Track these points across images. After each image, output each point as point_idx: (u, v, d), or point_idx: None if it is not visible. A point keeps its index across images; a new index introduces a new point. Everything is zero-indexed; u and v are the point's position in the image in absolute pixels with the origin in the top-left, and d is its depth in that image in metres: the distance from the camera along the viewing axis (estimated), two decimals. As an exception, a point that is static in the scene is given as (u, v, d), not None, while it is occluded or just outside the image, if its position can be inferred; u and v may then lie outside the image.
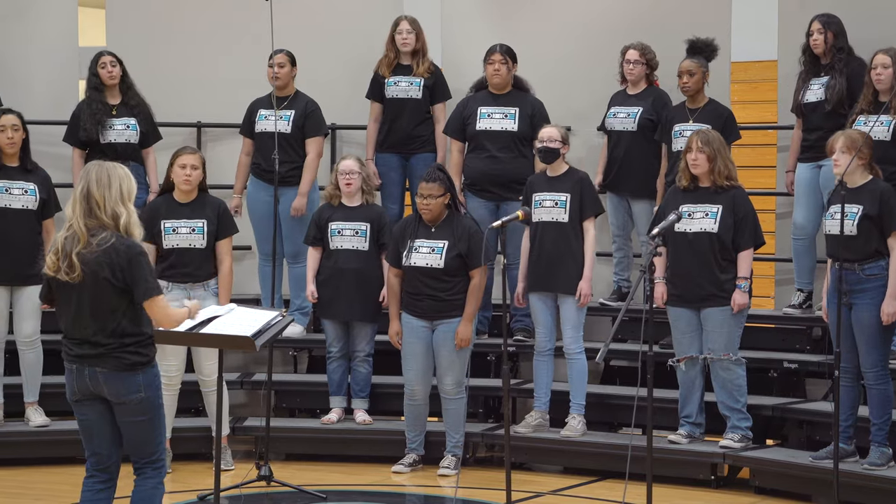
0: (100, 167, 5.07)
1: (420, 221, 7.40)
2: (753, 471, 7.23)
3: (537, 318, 7.61)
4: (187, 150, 7.34)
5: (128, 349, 5.02)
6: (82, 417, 5.14)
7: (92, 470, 5.18)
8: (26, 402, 7.69)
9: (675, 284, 7.24)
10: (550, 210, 7.50)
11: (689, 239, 7.16)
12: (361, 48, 8.85)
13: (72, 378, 5.08)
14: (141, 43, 8.98)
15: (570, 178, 7.54)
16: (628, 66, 8.22)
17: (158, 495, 5.18)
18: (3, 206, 7.46)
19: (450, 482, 7.27)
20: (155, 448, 5.14)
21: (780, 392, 7.81)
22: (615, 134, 8.29)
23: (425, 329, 7.40)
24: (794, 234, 8.00)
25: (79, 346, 5.05)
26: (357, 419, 7.93)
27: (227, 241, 7.38)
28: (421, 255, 7.34)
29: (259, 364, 8.50)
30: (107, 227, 4.99)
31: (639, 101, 8.24)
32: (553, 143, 7.49)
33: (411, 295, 7.40)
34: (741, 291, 7.11)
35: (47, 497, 7.01)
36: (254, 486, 7.04)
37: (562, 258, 7.47)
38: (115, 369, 5.00)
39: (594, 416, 7.71)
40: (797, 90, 7.94)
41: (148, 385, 5.06)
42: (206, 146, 9.00)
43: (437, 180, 7.30)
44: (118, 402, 5.03)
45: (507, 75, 8.22)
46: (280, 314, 5.74)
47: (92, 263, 4.96)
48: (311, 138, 8.35)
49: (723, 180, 7.13)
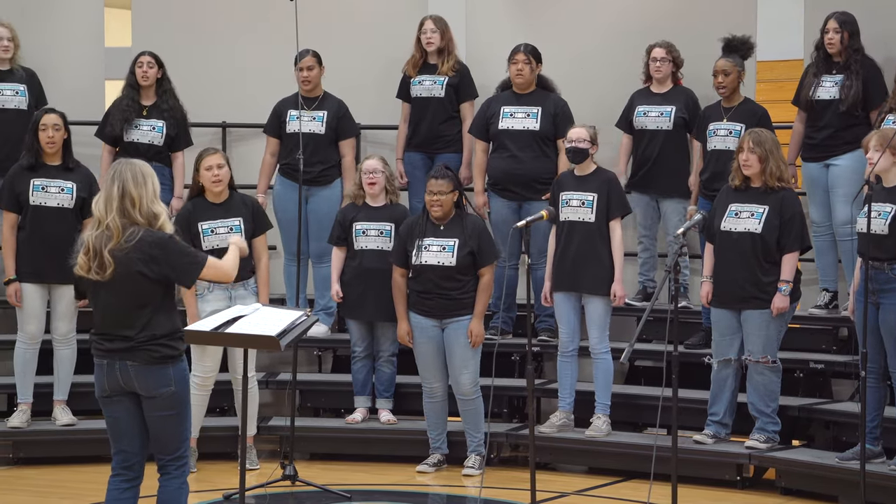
0: (132, 165, 5.10)
1: (428, 220, 7.40)
2: (779, 471, 7.21)
3: (561, 317, 7.60)
4: (210, 152, 7.37)
5: (158, 342, 5.04)
6: (110, 414, 5.15)
7: (118, 468, 5.19)
8: (55, 400, 7.74)
9: (717, 284, 7.21)
10: (577, 210, 7.49)
11: (734, 239, 7.12)
12: (387, 48, 8.86)
13: (101, 374, 5.10)
14: (166, 43, 9.00)
15: (598, 177, 7.53)
16: (655, 65, 8.20)
17: (184, 495, 5.19)
18: (39, 204, 7.52)
19: (474, 482, 7.27)
20: (180, 444, 5.15)
21: (806, 392, 7.78)
22: (647, 133, 8.26)
23: (435, 328, 7.40)
24: (814, 232, 7.98)
25: (110, 340, 5.07)
26: (381, 419, 7.94)
27: (262, 237, 7.41)
28: (432, 253, 7.34)
29: (284, 364, 8.52)
30: (137, 225, 5.01)
31: (670, 100, 8.21)
32: (582, 143, 7.48)
33: (420, 294, 7.39)
34: (781, 295, 7.05)
35: (74, 496, 7.05)
36: (279, 486, 7.05)
37: (588, 258, 7.46)
38: (146, 363, 5.02)
39: (619, 416, 7.70)
40: (806, 84, 7.90)
41: (178, 379, 5.09)
42: (230, 146, 9.02)
43: (446, 177, 7.32)
44: (148, 395, 5.05)
45: (531, 75, 8.21)
46: (305, 314, 5.74)
47: (123, 259, 4.99)
48: (346, 140, 8.39)
49: (774, 181, 7.07)
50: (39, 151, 7.53)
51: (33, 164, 7.53)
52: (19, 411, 7.68)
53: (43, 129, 7.50)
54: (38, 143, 7.52)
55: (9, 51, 8.37)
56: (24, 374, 7.64)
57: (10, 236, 7.54)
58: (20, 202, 7.52)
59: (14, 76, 8.41)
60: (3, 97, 8.35)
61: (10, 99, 8.34)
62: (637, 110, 8.28)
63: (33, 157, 7.52)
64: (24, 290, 7.52)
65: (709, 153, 7.94)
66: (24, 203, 7.52)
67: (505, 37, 8.60)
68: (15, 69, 8.43)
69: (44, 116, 7.53)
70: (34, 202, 7.51)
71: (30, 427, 7.68)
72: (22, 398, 7.69)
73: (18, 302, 7.54)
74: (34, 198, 7.51)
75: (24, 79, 8.43)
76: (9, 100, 8.34)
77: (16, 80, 8.41)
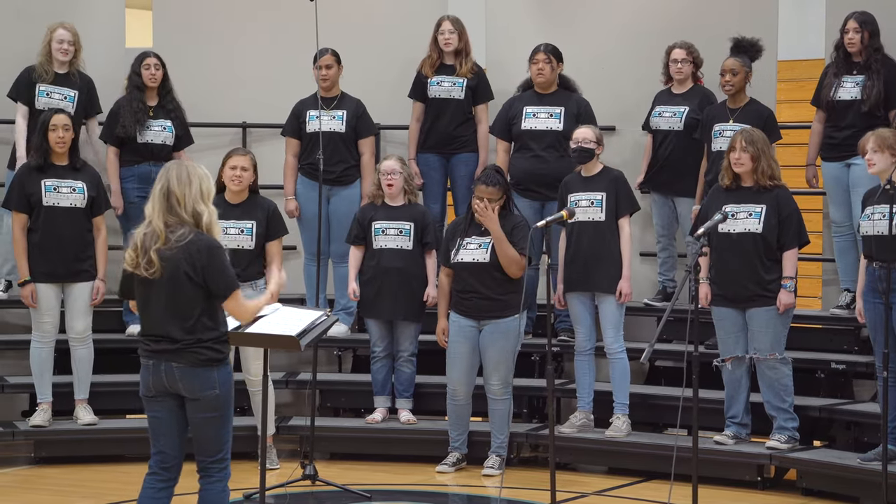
0: (179, 165, 5.12)
1: (472, 221, 7.41)
2: (801, 472, 7.19)
3: (577, 317, 7.60)
4: (238, 152, 7.39)
5: (204, 345, 5.06)
6: (153, 414, 5.16)
7: (156, 467, 5.20)
8: (76, 400, 7.77)
9: (719, 284, 7.21)
10: (587, 210, 7.49)
11: (734, 239, 7.13)
12: (405, 48, 8.86)
13: (147, 374, 5.11)
14: (187, 44, 9.05)
15: (605, 177, 7.53)
16: (675, 66, 8.18)
17: (226, 499, 5.19)
18: (52, 205, 7.54)
19: (494, 482, 7.27)
20: (222, 447, 5.15)
21: (827, 393, 7.75)
22: (661, 133, 8.26)
23: (472, 328, 7.40)
24: (835, 232, 7.96)
25: (156, 341, 5.09)
26: (401, 419, 7.95)
27: (277, 242, 7.41)
28: (468, 251, 7.35)
29: (304, 364, 8.54)
30: (186, 224, 5.03)
31: (685, 101, 8.20)
32: (588, 143, 7.48)
33: (459, 293, 7.41)
34: (787, 291, 7.06)
35: (95, 495, 7.07)
36: (299, 486, 7.06)
37: (599, 257, 7.46)
38: (192, 365, 5.04)
39: (639, 416, 7.69)
40: (826, 85, 7.88)
41: (222, 382, 5.10)
42: (251, 146, 9.02)
43: (497, 184, 7.29)
44: (193, 398, 5.06)
45: (552, 75, 8.20)
46: (325, 314, 5.75)
47: (171, 259, 5.01)
48: (365, 139, 8.41)
49: (766, 180, 7.09)
50: (48, 151, 7.54)
51: (41, 165, 7.54)
52: (40, 410, 7.71)
53: (53, 130, 7.51)
54: (47, 144, 7.52)
55: (68, 54, 8.33)
56: (42, 374, 7.67)
57: (22, 238, 7.56)
58: (31, 203, 7.53)
59: (69, 81, 8.37)
60: (50, 99, 8.31)
61: (58, 103, 8.26)
62: (654, 111, 8.28)
63: (42, 158, 7.53)
64: (38, 289, 7.54)
65: (713, 154, 7.93)
66: (35, 204, 7.52)
67: (525, 37, 8.59)
68: (72, 74, 8.39)
69: (53, 117, 7.53)
70: (47, 203, 7.52)
71: (51, 426, 7.71)
72: (42, 397, 7.72)
73: (34, 303, 7.56)
74: (47, 199, 7.52)
75: (78, 85, 8.41)
76: (55, 104, 8.24)
77: (69, 85, 8.37)
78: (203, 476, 5.18)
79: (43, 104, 8.30)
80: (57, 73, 8.35)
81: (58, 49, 8.31)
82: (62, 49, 8.33)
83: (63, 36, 8.33)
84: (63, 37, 8.33)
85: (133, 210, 8.29)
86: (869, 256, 6.74)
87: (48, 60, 8.33)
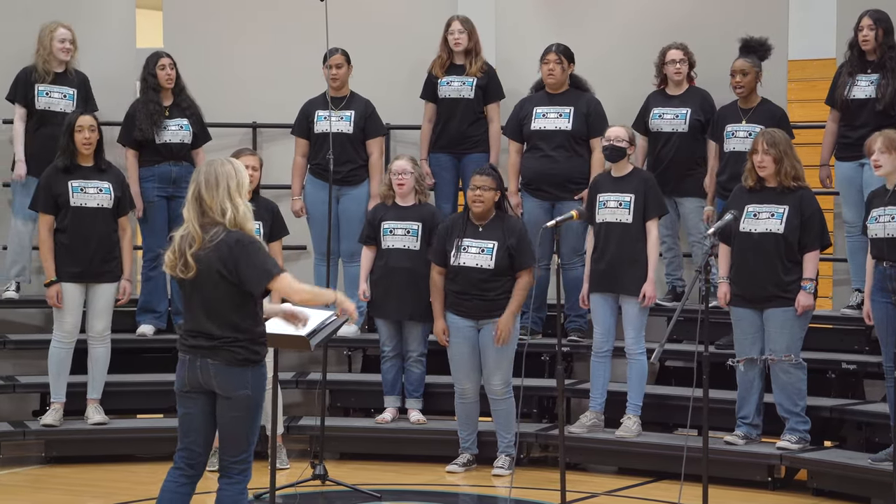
0: (208, 167, 5.15)
1: (468, 221, 7.40)
2: (811, 472, 7.17)
3: (597, 318, 7.58)
4: (247, 152, 7.40)
5: (240, 344, 5.07)
6: (184, 410, 5.18)
7: (181, 463, 5.20)
8: (88, 399, 7.78)
9: (738, 284, 7.19)
10: (615, 210, 7.47)
11: (755, 239, 7.10)
12: (416, 48, 8.86)
13: (184, 369, 5.13)
14: (197, 44, 9.05)
15: (635, 178, 7.52)
16: (674, 67, 8.17)
17: (244, 502, 5.19)
18: (79, 205, 7.56)
19: (504, 482, 7.26)
20: (246, 447, 5.15)
21: (838, 393, 7.73)
22: (663, 135, 8.24)
23: (471, 329, 7.40)
24: (847, 232, 7.94)
25: (194, 337, 5.11)
26: (411, 419, 7.95)
27: (278, 243, 7.43)
28: (470, 255, 7.34)
29: (314, 363, 8.54)
30: (219, 224, 5.07)
31: (685, 102, 8.19)
32: (620, 142, 7.47)
33: (458, 295, 7.40)
34: (806, 293, 7.03)
35: (105, 495, 7.08)
36: (309, 485, 7.07)
37: (625, 259, 7.45)
38: (227, 363, 5.06)
39: (649, 416, 7.68)
40: (840, 84, 7.86)
41: (255, 383, 5.11)
42: (261, 146, 9.05)
43: (491, 175, 7.32)
44: (225, 396, 5.07)
45: (562, 75, 8.20)
46: (334, 314, 5.75)
47: (204, 259, 5.05)
48: (374, 139, 8.42)
49: (789, 181, 7.05)
50: (74, 153, 7.57)
51: (68, 166, 7.57)
52: (52, 410, 7.73)
53: (79, 131, 7.55)
54: (73, 145, 7.56)
55: (69, 53, 8.37)
56: (59, 374, 7.69)
57: (48, 238, 7.59)
58: (58, 204, 7.56)
59: (67, 79, 8.41)
60: (51, 99, 8.37)
61: (58, 102, 8.35)
62: (652, 112, 8.26)
63: (68, 159, 7.57)
64: (64, 289, 7.56)
65: (727, 154, 7.91)
66: (62, 205, 7.55)
67: (535, 37, 8.58)
68: (70, 72, 8.43)
69: (79, 118, 7.58)
70: (75, 203, 7.55)
71: (62, 426, 7.73)
72: (55, 397, 7.74)
73: (59, 303, 7.58)
74: (74, 199, 7.55)
75: (76, 83, 8.44)
76: (56, 102, 8.35)
77: (68, 83, 8.41)
78: (223, 475, 5.18)
79: (43, 104, 8.34)
80: (56, 73, 8.38)
81: (60, 48, 8.34)
82: (64, 48, 8.35)
83: (65, 35, 8.36)
84: (65, 36, 8.36)
85: (152, 210, 8.31)
86: (879, 257, 6.73)
87: (48, 60, 8.35)
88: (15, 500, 7.03)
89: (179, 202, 8.24)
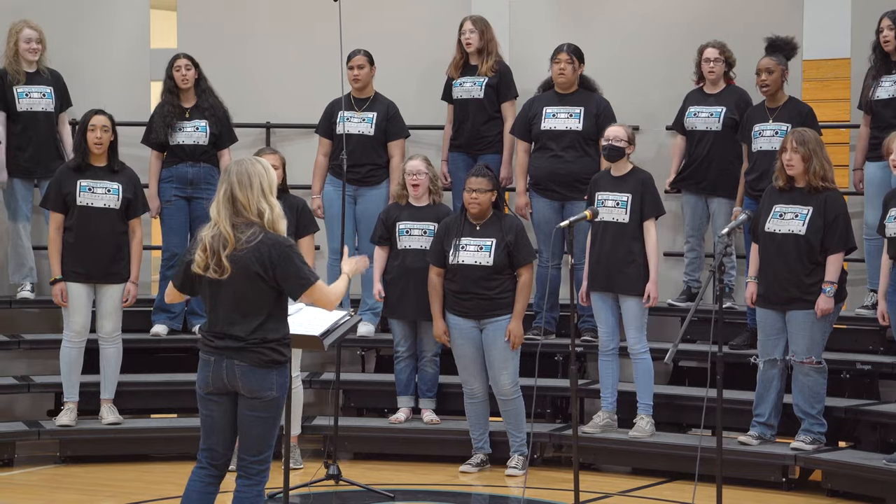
0: (239, 167, 5.12)
1: (465, 220, 7.40)
2: (826, 473, 7.15)
3: (599, 317, 7.59)
4: (267, 151, 7.40)
5: (268, 345, 5.07)
6: (207, 412, 5.16)
7: (205, 462, 5.19)
8: (102, 399, 7.80)
9: (761, 285, 7.16)
10: (612, 210, 7.47)
11: (778, 239, 7.08)
12: (431, 49, 8.86)
13: (208, 370, 5.11)
14: (211, 44, 9.06)
15: (634, 178, 7.51)
16: (708, 65, 8.15)
17: (261, 503, 5.18)
18: (86, 205, 7.58)
19: (517, 482, 7.26)
20: (266, 447, 5.15)
21: (852, 394, 7.71)
22: (697, 133, 8.22)
23: (473, 329, 7.40)
24: (867, 235, 7.90)
25: (220, 338, 5.09)
26: (424, 419, 7.95)
27: (307, 238, 7.41)
28: (469, 253, 7.34)
29: (328, 363, 8.55)
30: (254, 224, 5.06)
31: (721, 101, 8.16)
32: (619, 141, 7.46)
33: (457, 294, 7.39)
34: (825, 296, 6.99)
35: (120, 495, 7.10)
36: (322, 485, 7.08)
37: (621, 259, 7.44)
38: (254, 364, 5.05)
39: (663, 416, 7.67)
40: (866, 87, 7.85)
41: (279, 385, 5.11)
42: (275, 146, 9.05)
43: (486, 176, 7.32)
44: (250, 396, 5.07)
45: (573, 75, 8.20)
46: (348, 314, 5.75)
47: (241, 260, 5.03)
48: (395, 141, 8.42)
49: (818, 181, 7.01)
50: (87, 152, 7.59)
51: (80, 165, 7.60)
52: (66, 410, 7.75)
53: (91, 130, 7.56)
54: (86, 144, 7.58)
55: (36, 53, 8.38)
56: (71, 374, 7.71)
57: (57, 237, 7.61)
58: (66, 203, 7.58)
59: (41, 78, 8.43)
60: (31, 100, 8.40)
61: (38, 101, 8.39)
62: (688, 111, 8.25)
63: (80, 158, 7.59)
64: (70, 288, 7.58)
65: (755, 154, 7.89)
66: (70, 204, 7.58)
67: (548, 37, 8.58)
68: (42, 71, 8.44)
69: (93, 117, 7.59)
70: (81, 203, 7.57)
71: (77, 426, 7.75)
72: (68, 397, 7.76)
73: (64, 301, 7.60)
74: (81, 198, 7.57)
75: (51, 81, 8.46)
76: (36, 102, 8.39)
77: (43, 82, 8.43)
78: (241, 475, 5.17)
79: (26, 106, 8.38)
80: (27, 73, 8.40)
81: (26, 49, 8.36)
82: (30, 48, 8.37)
83: (30, 35, 8.37)
84: (31, 36, 8.37)
85: (171, 210, 8.32)
86: (895, 257, 6.70)
87: (16, 61, 8.36)
88: (30, 499, 7.06)
89: (198, 203, 8.26)
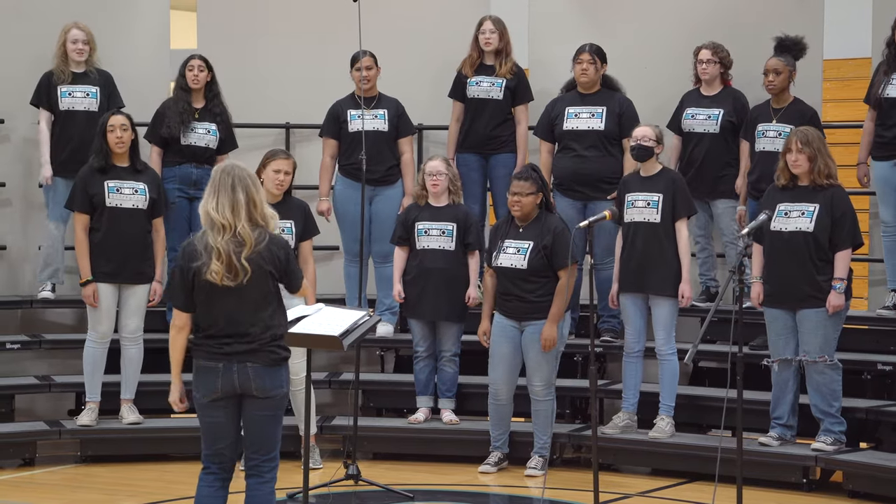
0: (240, 171, 5.16)
1: (511, 222, 7.40)
2: (847, 474, 7.12)
3: (627, 318, 7.57)
4: (282, 155, 7.38)
5: (277, 343, 5.13)
6: (211, 419, 5.14)
7: (213, 467, 5.20)
8: (122, 399, 7.82)
9: (771, 284, 7.15)
10: (643, 210, 7.45)
11: (785, 238, 7.06)
12: (447, 48, 8.86)
13: (216, 376, 5.09)
14: (232, 45, 9.09)
15: (663, 178, 7.49)
16: (701, 66, 8.15)
17: (274, 501, 5.19)
18: (114, 206, 7.59)
19: (537, 483, 7.26)
20: (275, 445, 5.18)
21: (873, 394, 7.68)
22: (694, 136, 8.21)
23: (514, 329, 7.40)
24: (884, 232, 7.89)
25: (228, 344, 5.10)
26: (444, 419, 7.95)
27: (309, 242, 7.43)
28: (507, 255, 7.34)
29: (346, 363, 8.55)
30: (259, 226, 5.12)
31: (717, 103, 8.15)
32: (647, 141, 7.45)
33: (502, 295, 7.42)
34: (836, 293, 6.98)
35: (140, 494, 7.12)
36: (342, 485, 7.08)
37: (653, 259, 7.42)
38: (266, 364, 5.09)
39: (683, 417, 7.65)
40: (876, 82, 7.81)
41: (287, 381, 5.19)
42: (294, 147, 9.08)
43: (529, 179, 7.29)
44: (263, 396, 5.08)
45: (595, 75, 8.18)
46: (367, 314, 5.76)
47: (255, 261, 5.08)
48: (405, 137, 8.44)
49: (823, 179, 7.01)
50: (109, 153, 7.61)
51: (103, 166, 7.61)
52: (88, 409, 7.78)
53: (111, 131, 7.58)
54: (106, 145, 7.59)
55: (83, 53, 8.41)
56: (94, 374, 7.73)
57: (84, 238, 7.62)
58: (93, 204, 7.59)
59: (88, 78, 8.46)
60: (73, 99, 8.43)
61: (81, 101, 8.41)
62: (685, 112, 8.24)
63: (103, 159, 7.60)
64: (99, 289, 7.60)
65: (757, 154, 7.88)
66: (98, 205, 7.58)
67: (568, 37, 8.57)
68: (89, 71, 8.47)
69: (111, 118, 7.61)
70: (110, 203, 7.58)
71: (98, 425, 7.78)
72: (90, 397, 7.78)
73: (95, 302, 7.62)
74: (110, 199, 7.58)
75: (98, 81, 8.49)
76: (79, 102, 8.41)
77: (89, 82, 8.45)
78: (253, 475, 5.18)
79: (67, 105, 8.40)
80: (74, 73, 8.43)
81: (73, 49, 8.39)
82: (77, 49, 8.39)
83: (77, 36, 8.40)
84: (77, 36, 8.40)
85: (173, 210, 8.32)
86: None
87: (64, 61, 8.40)
88: (51, 498, 7.09)
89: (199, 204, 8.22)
